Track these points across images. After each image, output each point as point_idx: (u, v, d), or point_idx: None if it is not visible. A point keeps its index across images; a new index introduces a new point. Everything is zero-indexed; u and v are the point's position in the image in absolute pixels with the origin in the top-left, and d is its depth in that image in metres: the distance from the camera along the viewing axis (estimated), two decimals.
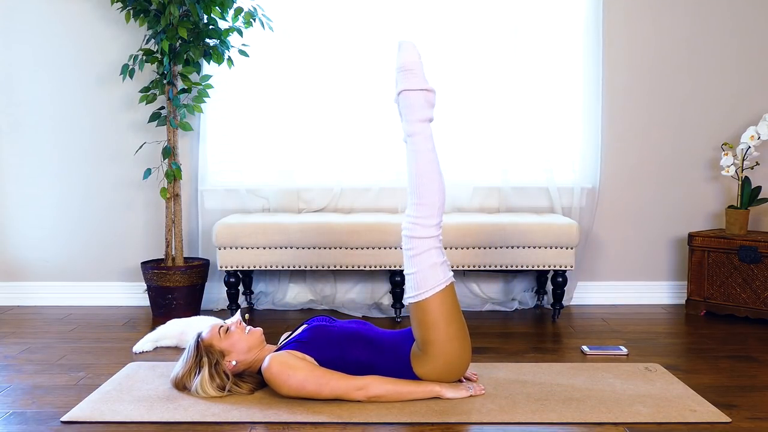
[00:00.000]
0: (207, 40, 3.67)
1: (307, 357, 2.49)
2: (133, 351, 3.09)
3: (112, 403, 2.48)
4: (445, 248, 3.55)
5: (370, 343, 2.52)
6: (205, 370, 2.49)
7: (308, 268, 3.59)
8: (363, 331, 2.57)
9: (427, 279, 2.44)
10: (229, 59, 3.71)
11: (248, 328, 2.60)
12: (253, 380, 2.56)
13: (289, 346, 2.55)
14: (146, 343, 3.13)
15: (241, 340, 2.55)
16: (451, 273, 2.50)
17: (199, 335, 2.57)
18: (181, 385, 2.55)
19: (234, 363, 2.52)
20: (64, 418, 2.37)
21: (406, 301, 2.50)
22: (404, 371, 2.49)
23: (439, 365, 2.46)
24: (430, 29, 3.89)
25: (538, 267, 3.58)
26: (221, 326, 2.57)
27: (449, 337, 2.44)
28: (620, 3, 3.90)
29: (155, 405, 2.46)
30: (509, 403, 2.47)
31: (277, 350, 2.56)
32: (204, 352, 2.52)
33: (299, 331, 2.66)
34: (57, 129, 3.98)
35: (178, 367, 2.58)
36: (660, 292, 4.03)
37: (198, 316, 3.32)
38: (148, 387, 2.63)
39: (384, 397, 2.43)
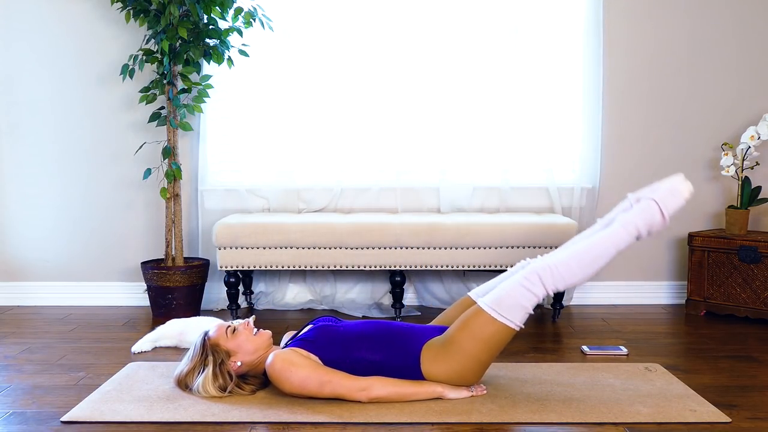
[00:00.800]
0: (207, 40, 3.67)
1: (312, 355, 2.49)
2: (132, 351, 3.09)
3: (112, 403, 2.48)
4: (445, 248, 3.55)
5: (378, 342, 2.51)
6: (209, 369, 2.49)
7: (308, 268, 3.59)
8: (371, 331, 2.55)
9: (511, 309, 2.44)
10: (229, 59, 3.71)
11: (256, 330, 2.59)
12: (256, 381, 2.56)
13: (294, 344, 2.55)
14: (145, 343, 3.13)
15: (249, 341, 2.54)
16: (523, 326, 2.49)
17: (206, 333, 2.56)
18: (184, 383, 2.55)
19: (239, 364, 2.52)
20: (64, 418, 2.37)
21: (479, 302, 2.48)
22: (411, 370, 2.48)
23: (450, 370, 2.46)
24: (430, 29, 3.89)
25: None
26: (228, 326, 2.56)
27: (476, 356, 2.44)
28: (620, 3, 3.90)
29: (155, 405, 2.46)
30: (509, 403, 2.47)
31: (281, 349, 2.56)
32: (210, 350, 2.51)
33: (305, 330, 2.66)
34: (57, 129, 3.98)
35: (182, 364, 2.58)
36: (660, 292, 4.03)
37: (197, 317, 3.32)
38: (148, 387, 2.63)
39: (386, 398, 2.43)
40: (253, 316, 2.75)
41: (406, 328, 2.58)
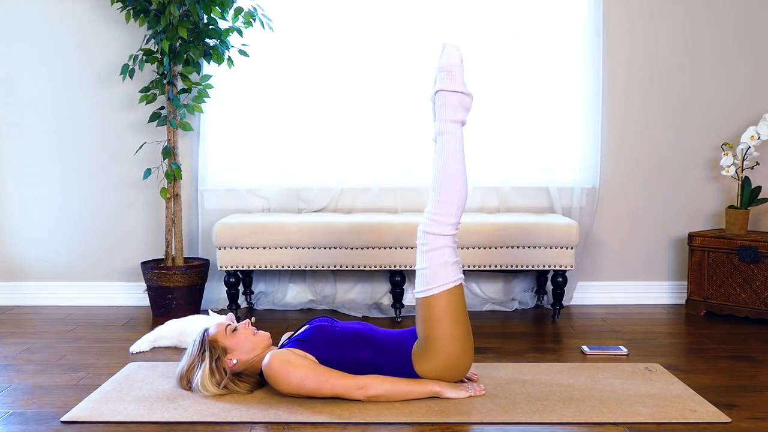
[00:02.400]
0: (207, 40, 3.67)
1: (308, 355, 2.49)
2: (130, 351, 3.09)
3: (112, 403, 2.48)
4: None
5: (372, 343, 2.52)
6: (206, 364, 2.50)
7: (308, 268, 3.59)
8: (365, 332, 2.57)
9: (437, 276, 2.44)
10: (229, 59, 3.71)
11: (256, 330, 2.60)
12: (251, 380, 2.56)
13: (290, 344, 2.55)
14: (143, 343, 3.13)
15: (247, 340, 2.55)
16: (462, 275, 2.50)
17: (206, 330, 2.58)
18: (185, 379, 2.55)
19: (235, 362, 2.52)
20: (64, 418, 2.37)
21: (415, 295, 2.51)
22: (406, 370, 2.49)
23: (439, 364, 2.46)
24: (430, 29, 3.89)
25: (538, 267, 3.58)
26: (229, 324, 2.58)
27: (452, 336, 2.44)
28: (620, 3, 3.90)
29: (155, 405, 2.46)
30: (509, 403, 2.47)
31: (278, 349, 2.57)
32: (208, 346, 2.53)
33: (301, 330, 2.67)
34: (57, 129, 3.98)
35: (182, 361, 2.60)
36: (660, 292, 4.03)
37: (196, 316, 3.31)
38: (148, 387, 2.63)
39: (384, 396, 2.43)
40: (253, 317, 2.75)
41: (394, 332, 2.60)
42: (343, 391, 2.42)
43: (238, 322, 2.67)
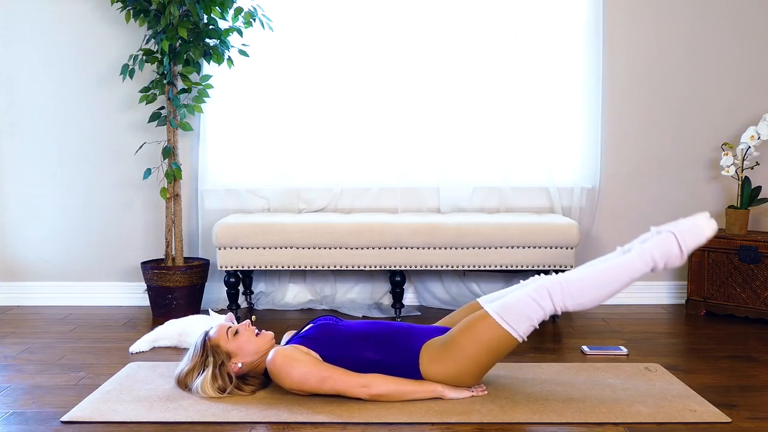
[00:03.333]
0: (207, 40, 3.67)
1: (312, 352, 2.49)
2: (129, 351, 3.09)
3: (112, 403, 2.48)
4: (445, 248, 3.55)
5: (378, 341, 2.51)
6: (209, 371, 2.49)
7: (308, 268, 3.59)
8: (371, 330, 2.56)
9: (516, 317, 2.42)
10: (229, 59, 3.71)
11: (258, 331, 2.58)
12: (256, 381, 2.56)
13: (294, 341, 2.55)
14: (143, 343, 3.13)
15: (250, 342, 2.53)
16: (525, 339, 2.47)
17: (206, 334, 2.56)
18: (184, 383, 2.55)
19: (240, 365, 2.52)
20: (64, 418, 2.37)
21: (487, 305, 2.48)
22: (409, 366, 2.48)
23: (449, 370, 2.45)
24: (430, 29, 3.89)
25: (538, 267, 3.57)
26: (230, 327, 2.56)
27: (473, 359, 2.44)
28: (621, 3, 3.89)
29: (155, 405, 2.46)
30: (509, 403, 2.47)
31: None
32: (210, 351, 2.51)
33: (305, 329, 2.66)
34: (57, 129, 3.98)
35: (182, 363, 2.58)
36: (660, 292, 4.03)
37: (195, 316, 3.31)
38: (148, 387, 2.63)
39: (386, 396, 2.43)
40: (254, 316, 2.75)
41: (407, 328, 2.58)
42: (345, 388, 2.42)
43: (238, 322, 2.67)
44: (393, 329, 2.57)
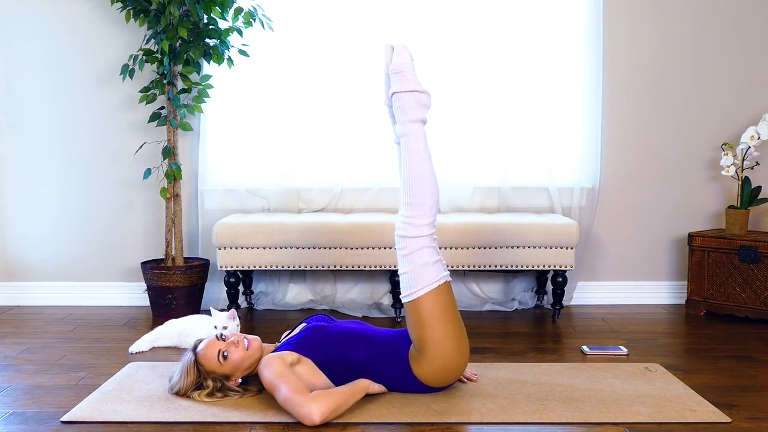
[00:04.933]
0: (207, 40, 3.67)
1: (303, 358, 2.48)
2: (129, 351, 3.09)
3: (112, 403, 2.48)
4: (445, 248, 3.55)
5: (370, 342, 2.51)
6: (210, 389, 2.47)
7: (308, 268, 3.59)
8: (362, 331, 2.57)
9: (419, 278, 2.43)
10: (229, 59, 3.71)
11: (246, 341, 2.51)
12: (258, 381, 2.55)
13: (286, 347, 2.54)
14: (143, 343, 3.13)
15: (243, 360, 2.49)
16: (447, 272, 2.49)
17: (196, 359, 2.49)
18: (183, 395, 2.52)
19: (240, 381, 2.52)
20: (64, 418, 2.37)
21: (402, 298, 2.50)
22: (403, 371, 2.48)
23: (435, 365, 2.45)
24: (430, 30, 3.89)
25: (538, 267, 3.58)
26: (219, 351, 2.48)
27: (445, 336, 2.43)
28: (621, 3, 3.90)
29: (155, 405, 2.46)
30: (509, 403, 2.47)
31: (275, 350, 2.56)
32: (208, 377, 2.49)
33: (297, 331, 2.66)
34: (57, 129, 3.98)
35: (177, 382, 2.51)
36: (660, 292, 4.03)
37: (195, 316, 3.31)
38: (148, 387, 2.63)
39: (329, 415, 2.28)
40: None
41: (389, 332, 2.58)
42: (291, 411, 2.30)
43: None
44: (380, 333, 2.57)
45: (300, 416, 2.26)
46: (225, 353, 2.47)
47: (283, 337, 2.77)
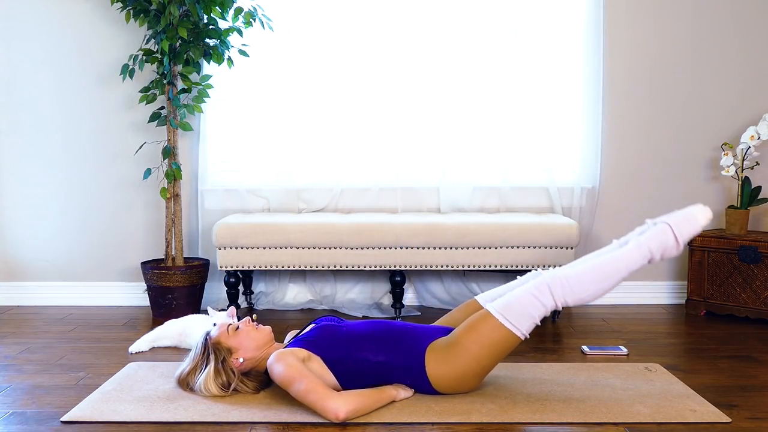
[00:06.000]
0: (207, 40, 3.67)
1: (313, 356, 2.48)
2: (129, 351, 3.09)
3: (112, 403, 2.48)
4: (445, 248, 3.55)
5: (382, 342, 2.49)
6: (211, 366, 2.49)
7: (308, 268, 3.59)
8: (373, 331, 2.54)
9: (518, 316, 2.43)
10: (229, 59, 3.71)
11: (258, 325, 2.61)
12: (258, 379, 2.56)
13: (295, 344, 2.54)
14: (143, 343, 3.13)
15: (250, 337, 2.55)
16: (528, 336, 2.48)
17: (207, 333, 2.57)
18: (185, 382, 2.55)
19: (241, 360, 2.52)
20: (64, 418, 2.37)
21: (488, 305, 2.48)
22: (415, 367, 2.47)
23: (456, 370, 2.45)
24: (430, 29, 3.89)
25: (539, 267, 3.57)
26: (230, 324, 2.58)
27: (478, 359, 2.44)
28: (621, 3, 3.90)
29: (155, 405, 2.46)
30: (509, 403, 2.47)
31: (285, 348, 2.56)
32: (211, 349, 2.52)
33: (307, 330, 2.66)
34: (57, 129, 3.98)
35: (184, 364, 2.59)
36: (660, 292, 4.03)
37: (195, 315, 3.31)
38: (148, 387, 2.63)
39: (354, 414, 2.32)
40: (255, 314, 2.75)
41: (411, 328, 2.57)
42: (317, 409, 2.32)
43: (238, 319, 2.67)
44: (396, 329, 2.55)
45: (324, 410, 2.28)
46: (236, 327, 2.57)
47: (289, 336, 2.77)
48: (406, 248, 3.56)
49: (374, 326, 2.58)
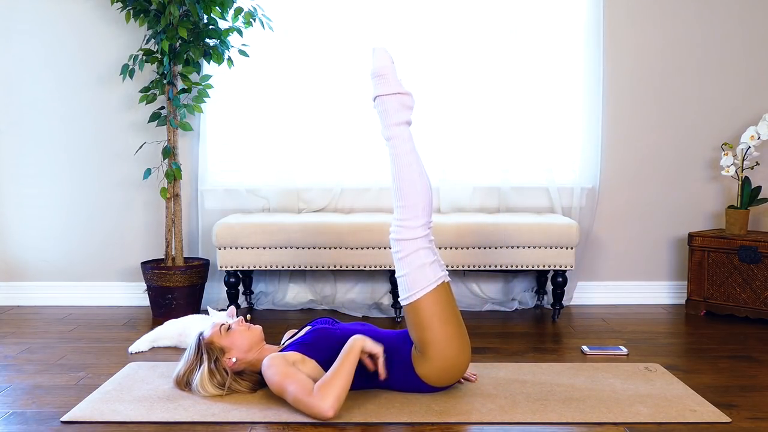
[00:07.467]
0: (207, 40, 3.67)
1: (307, 358, 2.48)
2: (129, 351, 3.09)
3: (112, 403, 2.48)
4: (445, 248, 3.55)
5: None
6: (205, 366, 2.50)
7: (308, 268, 3.59)
8: (366, 333, 2.56)
9: (417, 280, 2.43)
10: (229, 59, 3.71)
11: (250, 325, 2.62)
12: (252, 378, 2.56)
13: (291, 347, 2.54)
14: (142, 343, 3.13)
15: (242, 337, 2.56)
16: (445, 272, 2.49)
17: (201, 333, 2.59)
18: (183, 382, 2.56)
19: (234, 360, 2.53)
20: (64, 418, 2.37)
21: (401, 302, 2.51)
22: (406, 371, 2.48)
23: (437, 365, 2.45)
24: (430, 30, 3.89)
25: (538, 267, 3.58)
26: (222, 324, 2.58)
27: (446, 336, 2.43)
28: (621, 3, 3.90)
29: (155, 405, 2.46)
30: (509, 403, 2.47)
31: (279, 351, 2.56)
32: (204, 349, 2.54)
33: (302, 333, 2.66)
34: (57, 129, 3.98)
35: (180, 364, 2.61)
36: (660, 292, 4.03)
37: (195, 315, 3.31)
38: (148, 387, 2.63)
39: (340, 397, 2.30)
40: (249, 315, 2.76)
41: (393, 333, 2.59)
42: (302, 409, 2.32)
43: (238, 317, 2.68)
44: (383, 334, 2.58)
45: (313, 416, 2.30)
46: (228, 327, 2.57)
47: (286, 338, 2.77)
48: None
49: (367, 328, 2.62)
